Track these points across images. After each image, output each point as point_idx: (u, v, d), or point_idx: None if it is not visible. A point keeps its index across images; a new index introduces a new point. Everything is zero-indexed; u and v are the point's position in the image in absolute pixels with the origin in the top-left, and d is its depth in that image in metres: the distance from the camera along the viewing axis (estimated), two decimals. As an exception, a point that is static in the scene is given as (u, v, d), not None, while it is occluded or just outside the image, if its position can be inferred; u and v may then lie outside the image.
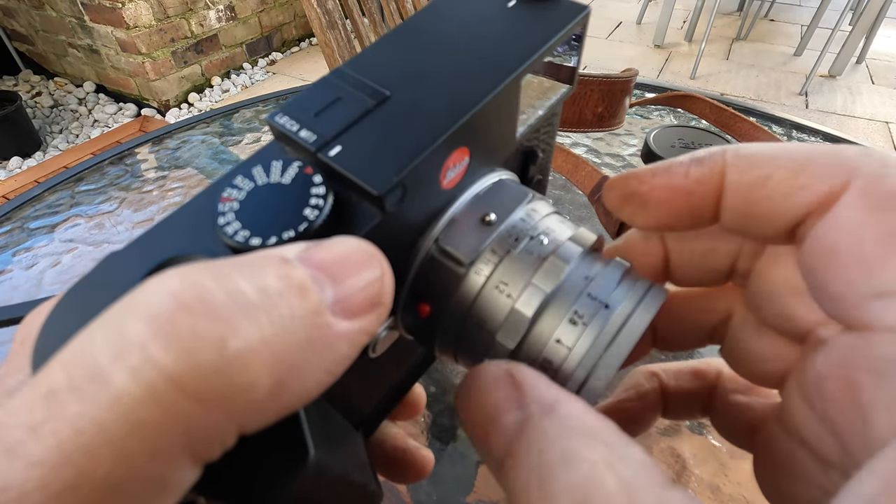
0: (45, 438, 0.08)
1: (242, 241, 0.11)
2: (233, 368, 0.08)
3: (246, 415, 0.09)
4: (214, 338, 0.08)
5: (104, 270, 0.11)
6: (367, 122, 0.13)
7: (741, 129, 0.49)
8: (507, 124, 0.16)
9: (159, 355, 0.08)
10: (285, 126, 0.13)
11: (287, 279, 0.10)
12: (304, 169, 0.12)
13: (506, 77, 0.14)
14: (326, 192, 0.12)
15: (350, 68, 0.14)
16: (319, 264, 0.10)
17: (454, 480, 0.30)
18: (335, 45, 0.81)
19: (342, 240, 0.11)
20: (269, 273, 0.09)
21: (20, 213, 0.51)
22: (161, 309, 0.08)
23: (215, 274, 0.09)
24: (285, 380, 0.09)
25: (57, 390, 0.08)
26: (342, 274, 0.10)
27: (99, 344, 0.08)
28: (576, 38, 0.16)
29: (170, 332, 0.08)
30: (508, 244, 0.15)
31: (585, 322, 0.14)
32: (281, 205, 0.11)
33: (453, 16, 0.15)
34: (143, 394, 0.08)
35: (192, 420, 0.08)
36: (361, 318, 0.11)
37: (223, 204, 0.12)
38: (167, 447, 0.08)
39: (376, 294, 0.11)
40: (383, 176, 0.12)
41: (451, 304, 0.15)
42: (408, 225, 0.14)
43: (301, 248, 0.10)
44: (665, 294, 0.15)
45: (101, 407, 0.08)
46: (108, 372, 0.08)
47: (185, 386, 0.08)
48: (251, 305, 0.09)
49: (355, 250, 0.11)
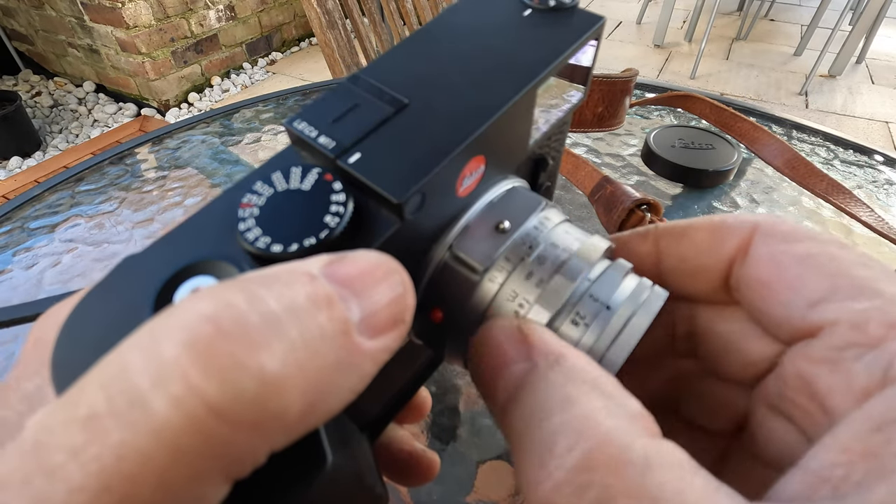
0: (87, 465, 0.08)
1: (263, 248, 0.11)
2: (269, 395, 0.08)
3: (278, 436, 0.09)
4: (253, 365, 0.08)
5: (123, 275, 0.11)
6: (385, 129, 0.13)
7: (741, 129, 0.49)
8: (521, 133, 0.16)
9: (201, 384, 0.08)
10: (304, 132, 0.13)
11: (315, 298, 0.09)
12: (324, 175, 0.12)
13: (523, 86, 0.14)
14: (347, 200, 0.11)
15: (367, 74, 0.14)
16: (344, 280, 0.10)
17: (454, 480, 0.30)
18: (335, 44, 0.81)
19: (365, 254, 0.11)
20: (299, 291, 0.09)
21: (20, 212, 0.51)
22: (198, 334, 0.08)
23: (247, 295, 0.09)
24: (315, 401, 0.09)
25: (97, 415, 0.08)
26: (367, 291, 0.10)
27: (137, 368, 0.08)
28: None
29: (209, 359, 0.08)
30: (522, 252, 0.15)
31: (587, 323, 0.14)
32: (301, 211, 0.11)
33: (469, 23, 0.15)
34: (184, 423, 0.08)
35: (230, 445, 0.08)
36: (385, 336, 0.10)
37: (243, 210, 0.11)
38: (206, 471, 0.08)
39: (399, 311, 0.11)
40: (403, 184, 0.12)
41: (465, 311, 0.15)
42: (423, 232, 0.14)
43: (325, 263, 0.10)
44: (666, 295, 0.15)
45: (143, 434, 0.08)
46: (150, 399, 0.08)
47: (226, 414, 0.08)
48: (284, 328, 0.09)
49: (378, 266, 0.11)
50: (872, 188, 0.51)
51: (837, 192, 0.42)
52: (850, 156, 0.56)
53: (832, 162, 0.55)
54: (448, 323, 0.16)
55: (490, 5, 0.16)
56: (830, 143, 0.57)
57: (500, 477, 0.30)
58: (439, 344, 0.16)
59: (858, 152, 0.56)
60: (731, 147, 0.51)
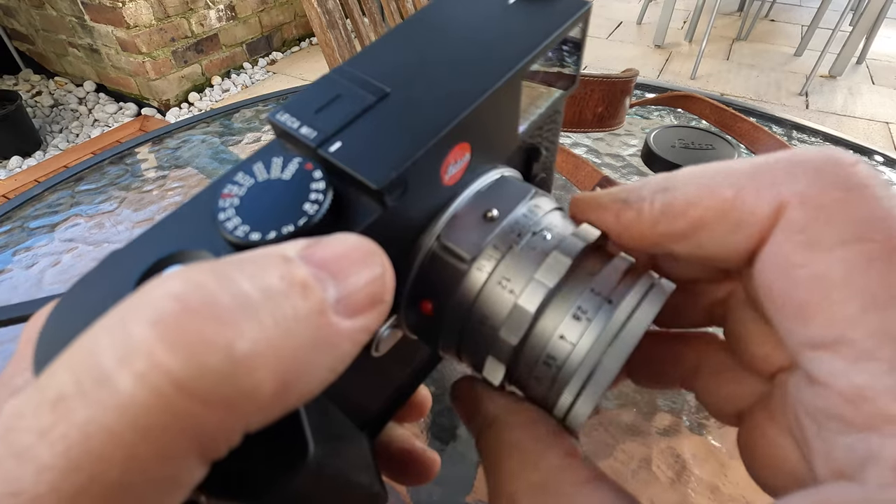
0: (54, 444, 0.08)
1: (242, 236, 0.11)
2: (239, 372, 0.08)
3: (251, 415, 0.09)
4: (221, 342, 0.08)
5: (105, 268, 0.11)
6: (367, 118, 0.13)
7: (741, 129, 0.49)
8: (508, 120, 0.16)
9: (166, 360, 0.08)
10: (286, 123, 0.13)
11: (290, 279, 0.10)
12: (305, 165, 0.12)
13: (507, 72, 0.14)
14: (326, 188, 0.12)
15: (350, 66, 0.14)
16: (321, 262, 0.10)
17: (454, 480, 0.30)
18: (335, 44, 0.81)
19: (343, 237, 0.11)
20: (272, 273, 0.09)
21: (20, 212, 0.51)
22: (165, 312, 0.08)
23: (218, 275, 0.09)
24: (290, 380, 0.09)
25: (65, 395, 0.08)
26: (344, 272, 0.10)
27: (104, 348, 0.08)
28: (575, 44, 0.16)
29: (175, 336, 0.08)
30: (511, 240, 0.15)
31: (589, 317, 0.14)
32: (280, 200, 0.12)
33: (454, 14, 0.15)
34: (150, 399, 0.08)
35: (200, 422, 0.08)
36: (364, 315, 0.11)
37: (223, 200, 0.12)
38: (176, 449, 0.08)
39: (378, 291, 0.11)
40: (383, 170, 0.12)
41: (454, 301, 0.15)
42: (409, 221, 0.14)
43: (302, 246, 0.10)
44: (671, 289, 0.15)
45: (109, 412, 0.08)
46: (115, 377, 0.08)
47: (193, 390, 0.08)
48: (255, 307, 0.09)
49: (356, 247, 0.11)
50: (872, 189, 0.51)
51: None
52: (851, 156, 0.56)
53: (832, 162, 0.55)
54: (439, 315, 0.15)
55: None
56: (830, 143, 0.57)
57: (500, 477, 0.30)
58: (433, 338, 0.16)
59: (858, 153, 0.56)
60: (731, 147, 0.51)
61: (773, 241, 0.12)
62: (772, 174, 0.12)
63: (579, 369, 0.14)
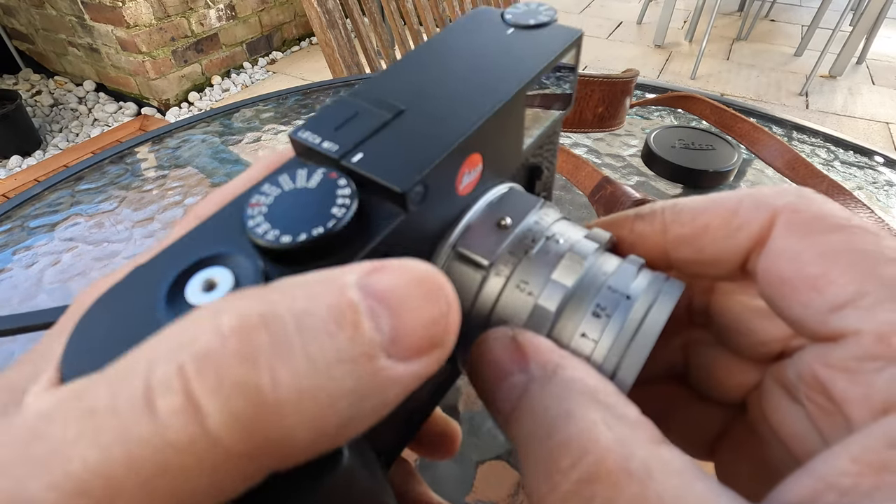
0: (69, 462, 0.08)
1: (273, 240, 0.11)
2: (269, 420, 0.08)
3: (279, 462, 0.09)
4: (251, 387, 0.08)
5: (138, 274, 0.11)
6: (385, 132, 0.14)
7: (741, 129, 0.49)
8: (514, 136, 0.17)
9: (202, 402, 0.08)
10: (308, 140, 0.13)
11: (338, 314, 0.09)
12: (329, 174, 0.12)
13: (513, 89, 0.15)
14: (353, 192, 0.12)
15: (364, 88, 0.15)
16: (381, 294, 0.09)
17: (454, 480, 0.30)
18: (335, 44, 0.81)
19: (411, 264, 0.10)
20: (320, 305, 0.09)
21: (20, 211, 0.51)
22: (209, 348, 0.08)
23: (265, 310, 0.08)
24: (326, 427, 0.08)
25: (97, 410, 0.08)
26: (405, 306, 0.09)
27: (146, 373, 0.08)
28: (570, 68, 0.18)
29: (214, 377, 0.08)
30: (525, 245, 0.15)
31: (609, 314, 0.14)
32: (308, 206, 0.12)
33: (458, 44, 0.17)
34: (178, 438, 0.08)
35: (222, 470, 0.08)
36: (419, 360, 0.09)
37: (252, 209, 0.12)
38: (191, 491, 0.08)
39: (439, 334, 0.10)
40: (406, 175, 0.12)
41: (474, 309, 0.15)
42: (426, 231, 0.14)
43: (366, 271, 0.09)
44: (684, 284, 0.15)
45: (134, 441, 0.08)
46: (151, 407, 0.08)
47: (222, 440, 0.08)
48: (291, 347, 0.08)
49: (423, 279, 0.10)
50: (873, 189, 0.51)
51: (837, 193, 0.42)
52: (851, 157, 0.56)
53: (832, 163, 0.55)
54: None
55: (477, 28, 0.17)
56: (831, 143, 0.57)
57: (500, 477, 0.30)
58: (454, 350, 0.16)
59: (859, 153, 0.56)
60: (731, 148, 0.51)
61: (774, 237, 0.14)
62: (765, 192, 0.14)
63: (603, 366, 0.14)
